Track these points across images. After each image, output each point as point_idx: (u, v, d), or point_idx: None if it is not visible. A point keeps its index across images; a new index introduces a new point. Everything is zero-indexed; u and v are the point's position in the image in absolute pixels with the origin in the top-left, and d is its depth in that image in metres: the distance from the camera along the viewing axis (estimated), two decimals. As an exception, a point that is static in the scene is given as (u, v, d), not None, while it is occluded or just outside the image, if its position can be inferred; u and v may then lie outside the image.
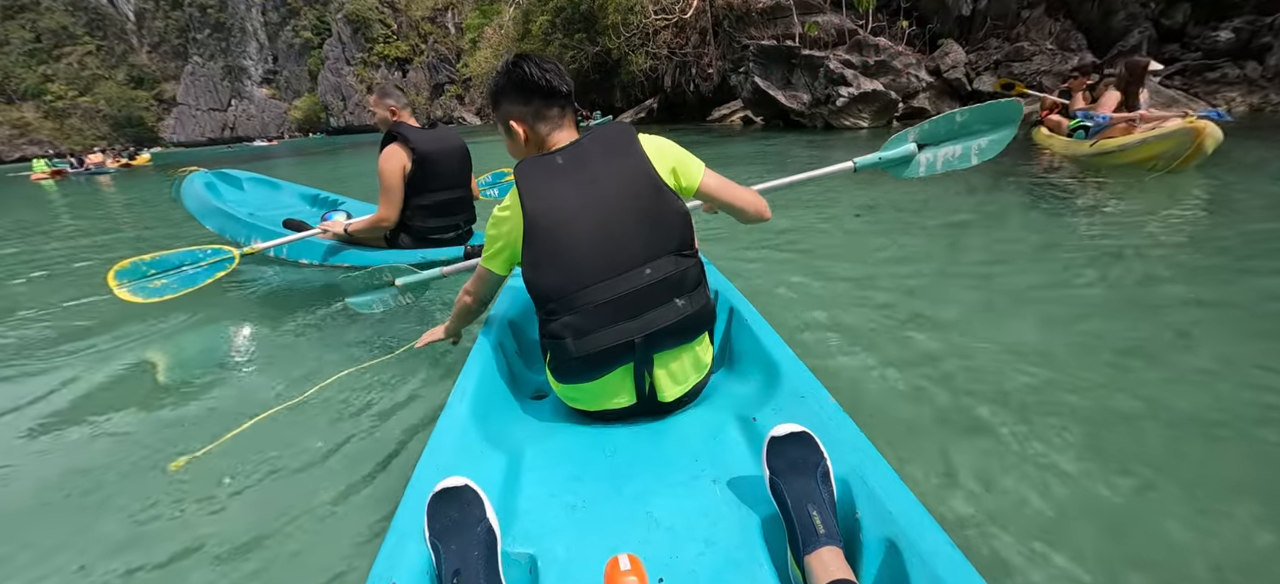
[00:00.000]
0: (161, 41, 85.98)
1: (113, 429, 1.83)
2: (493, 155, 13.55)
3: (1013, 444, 1.40)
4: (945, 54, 12.97)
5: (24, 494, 1.51)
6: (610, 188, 1.11)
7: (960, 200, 4.45)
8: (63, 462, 1.65)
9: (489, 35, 38.47)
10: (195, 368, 2.29)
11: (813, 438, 0.83)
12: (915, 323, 2.19)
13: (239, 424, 1.68)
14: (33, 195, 12.82)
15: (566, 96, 1.19)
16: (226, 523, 1.33)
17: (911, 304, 2.40)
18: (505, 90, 1.18)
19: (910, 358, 1.90)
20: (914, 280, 2.71)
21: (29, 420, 1.93)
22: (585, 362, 1.11)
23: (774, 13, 14.77)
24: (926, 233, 3.60)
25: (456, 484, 0.79)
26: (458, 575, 0.71)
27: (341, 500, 1.36)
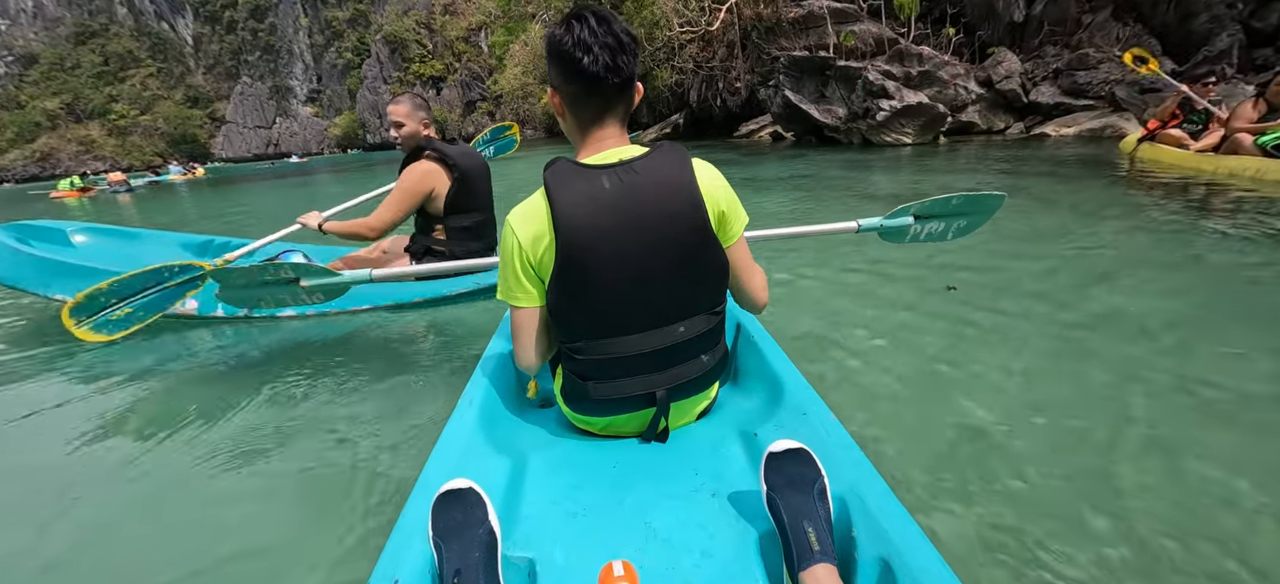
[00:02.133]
0: (216, 63, 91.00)
1: (122, 438, 1.83)
2: (521, 171, 13.24)
3: (1028, 481, 1.33)
4: (997, 63, 11.84)
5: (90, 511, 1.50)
6: (658, 234, 0.97)
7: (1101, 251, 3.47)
8: (53, 465, 1.70)
9: (515, 52, 38.77)
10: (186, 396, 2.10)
11: (810, 455, 0.83)
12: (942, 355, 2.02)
13: (253, 424, 1.77)
14: (57, 211, 13.03)
15: (616, 89, 0.99)
16: (235, 520, 1.36)
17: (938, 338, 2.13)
18: (550, 53, 1.00)
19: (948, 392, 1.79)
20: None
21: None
22: (604, 403, 1.07)
23: (806, 23, 13.90)
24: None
25: (461, 486, 0.81)
26: (458, 576, 0.72)
27: (349, 501, 1.39)
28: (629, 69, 0.99)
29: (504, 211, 2.84)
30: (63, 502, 1.52)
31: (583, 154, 1.04)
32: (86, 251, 3.32)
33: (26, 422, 1.95)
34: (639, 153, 1.00)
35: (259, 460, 1.64)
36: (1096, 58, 11.11)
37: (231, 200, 13.52)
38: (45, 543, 1.37)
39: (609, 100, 1.00)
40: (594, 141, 1.03)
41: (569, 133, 1.07)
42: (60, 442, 1.82)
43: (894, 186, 6.34)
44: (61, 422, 1.95)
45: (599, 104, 1.00)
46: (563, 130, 1.09)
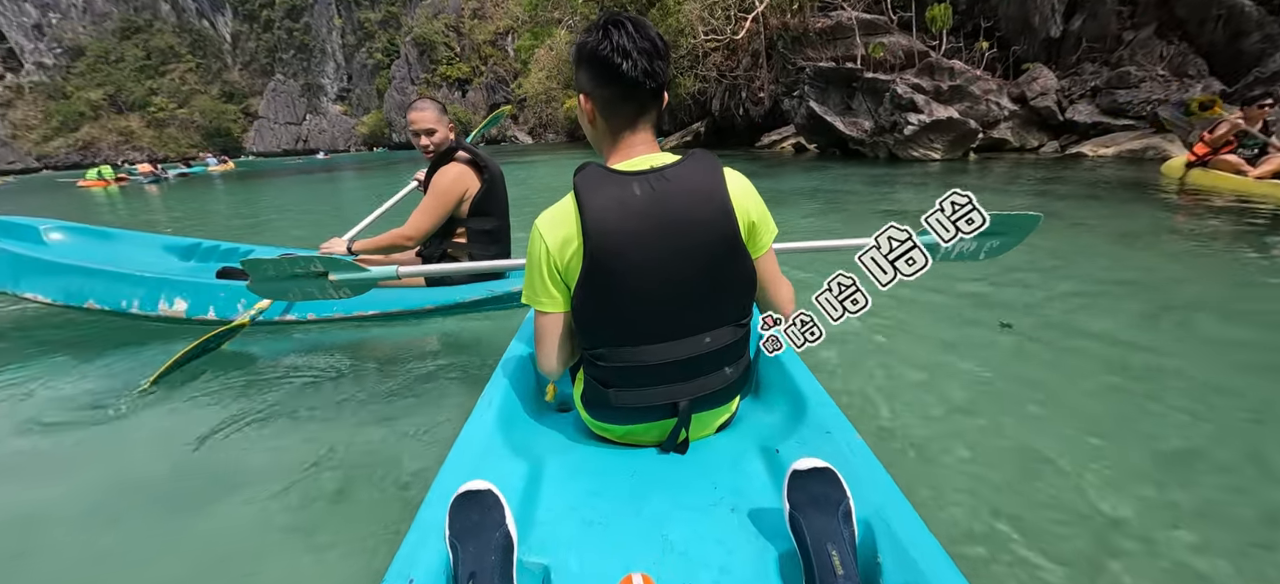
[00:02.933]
0: (252, 60, 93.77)
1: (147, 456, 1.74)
2: (544, 175, 13.24)
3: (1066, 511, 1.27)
4: (1032, 79, 11.46)
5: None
6: (687, 242, 0.95)
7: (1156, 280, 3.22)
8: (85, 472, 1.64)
9: (540, 57, 39.09)
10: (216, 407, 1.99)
11: (835, 474, 0.81)
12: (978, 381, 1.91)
13: (263, 429, 1.75)
14: (92, 201, 13.32)
15: (650, 95, 0.99)
16: (253, 519, 1.36)
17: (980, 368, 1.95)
18: (583, 58, 0.99)
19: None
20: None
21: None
22: (625, 411, 1.05)
23: (834, 33, 13.66)
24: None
25: (479, 488, 0.81)
26: (473, 578, 0.71)
27: (362, 501, 1.40)
28: (663, 74, 0.99)
29: (523, 215, 2.71)
30: (70, 506, 1.47)
31: (613, 160, 1.03)
32: (61, 249, 3.11)
33: (29, 435, 1.83)
34: (671, 160, 0.99)
35: (269, 464, 1.61)
36: (1138, 76, 10.68)
37: (258, 194, 13.73)
38: (51, 541, 1.34)
39: (643, 105, 1.00)
40: (625, 147, 1.03)
41: (598, 139, 1.06)
42: (66, 446, 1.73)
43: (920, 203, 6.07)
44: (64, 428, 1.85)
45: (633, 109, 1.00)
46: (589, 137, 1.08)
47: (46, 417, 1.92)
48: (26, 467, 1.68)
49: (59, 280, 2.52)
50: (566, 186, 0.99)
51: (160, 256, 3.28)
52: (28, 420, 1.90)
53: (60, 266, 2.55)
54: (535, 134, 51.41)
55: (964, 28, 13.31)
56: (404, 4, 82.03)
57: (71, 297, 2.51)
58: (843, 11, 13.80)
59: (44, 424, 1.88)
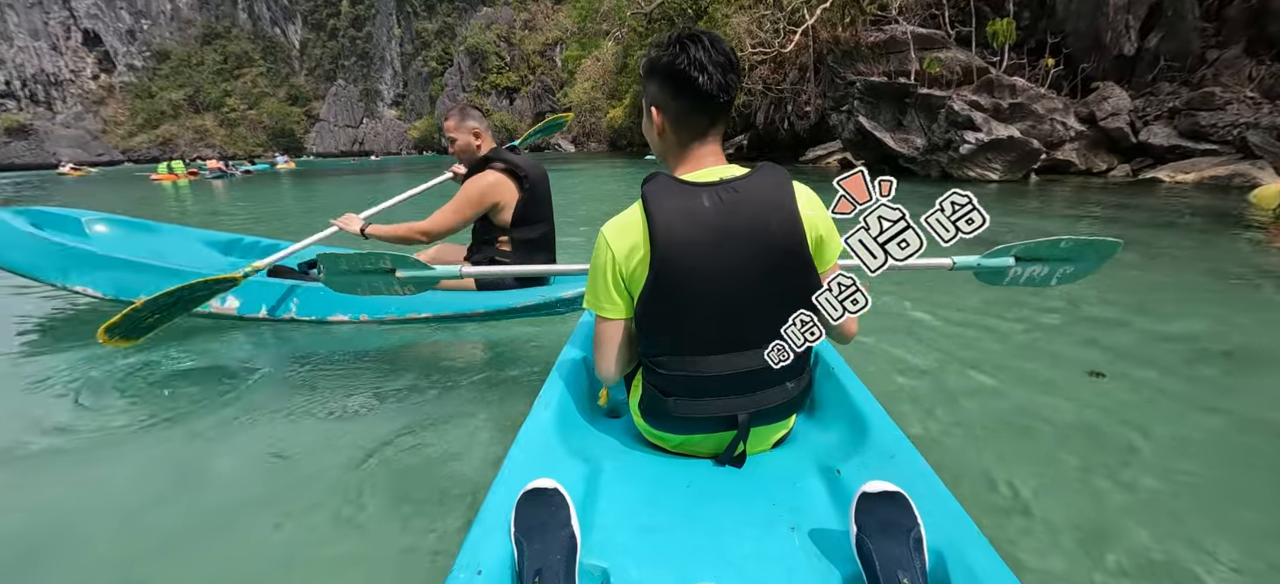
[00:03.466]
0: (317, 66, 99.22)
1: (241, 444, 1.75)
2: (585, 183, 13.39)
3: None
4: (1103, 99, 10.80)
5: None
6: (755, 256, 0.95)
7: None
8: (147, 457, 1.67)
9: (586, 67, 39.71)
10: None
11: (907, 500, 0.79)
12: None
13: (309, 426, 1.77)
14: (163, 192, 14.28)
15: (722, 108, 1.00)
16: (315, 516, 1.38)
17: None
18: (657, 72, 1.01)
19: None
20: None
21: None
22: (683, 421, 1.05)
23: (887, 48, 13.27)
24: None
25: (546, 486, 0.82)
26: (539, 575, 0.71)
27: (416, 494, 1.43)
28: (734, 88, 1.01)
29: (564, 223, 2.66)
30: (128, 507, 1.45)
31: (681, 170, 1.04)
32: (104, 242, 3.16)
33: (82, 433, 1.80)
34: (740, 172, 0.99)
35: (319, 462, 1.61)
36: (1224, 98, 9.89)
37: (312, 191, 14.38)
38: (115, 547, 1.32)
39: (714, 118, 1.02)
40: (694, 158, 1.03)
41: (665, 150, 1.07)
42: (126, 445, 1.70)
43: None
44: (122, 426, 1.81)
45: (705, 122, 1.01)
46: (655, 149, 1.09)
47: (107, 408, 1.94)
48: (89, 456, 1.68)
49: (111, 275, 2.54)
50: (608, 196, 0.99)
51: (201, 251, 3.31)
52: (86, 411, 1.93)
53: (112, 261, 2.57)
54: (578, 143, 52.18)
55: (1027, 43, 12.71)
56: (459, 15, 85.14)
57: (122, 291, 2.53)
58: (897, 26, 13.41)
59: (107, 415, 1.89)
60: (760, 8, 17.73)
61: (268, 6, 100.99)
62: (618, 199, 9.80)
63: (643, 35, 31.64)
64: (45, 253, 2.57)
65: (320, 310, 2.42)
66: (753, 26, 17.22)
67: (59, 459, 1.64)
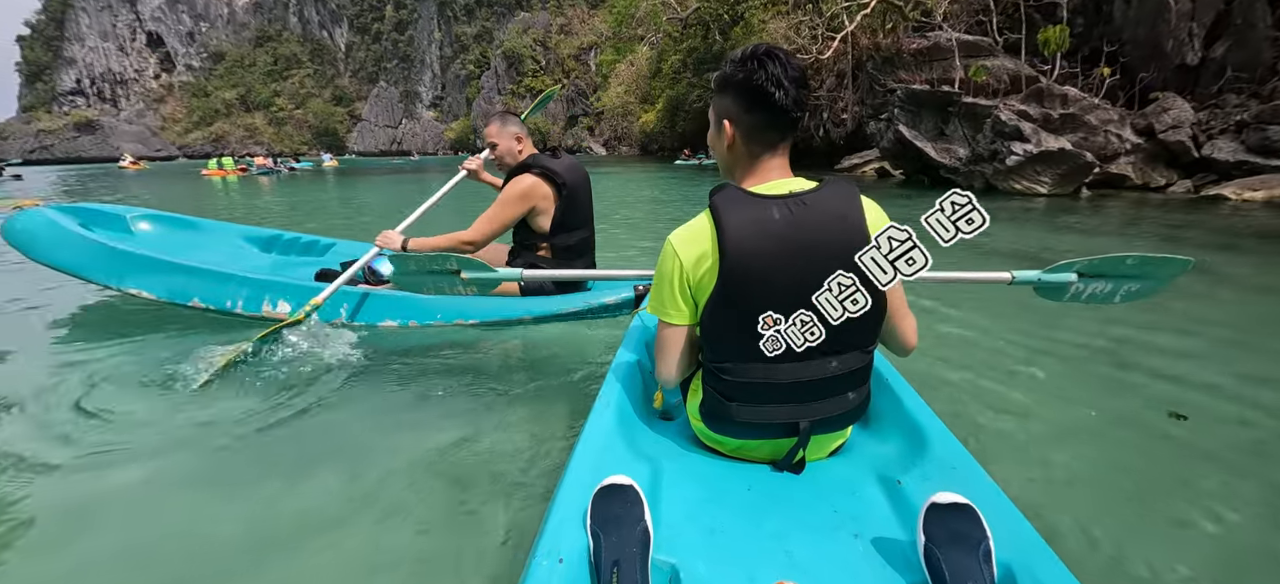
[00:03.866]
0: (360, 68, 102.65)
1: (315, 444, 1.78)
2: (615, 187, 13.42)
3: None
4: (1163, 110, 10.24)
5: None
6: (822, 267, 0.96)
7: None
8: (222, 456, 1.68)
9: (620, 72, 39.89)
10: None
11: (977, 513, 0.79)
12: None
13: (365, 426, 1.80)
14: (217, 187, 14.92)
15: (793, 123, 1.04)
16: (389, 511, 1.40)
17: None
18: (732, 86, 1.03)
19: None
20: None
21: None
22: (744, 426, 1.07)
23: (930, 55, 12.92)
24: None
25: (622, 482, 0.86)
26: (617, 566, 0.74)
27: (478, 492, 1.47)
28: (806, 103, 1.05)
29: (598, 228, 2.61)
30: (198, 508, 1.45)
31: (749, 182, 1.06)
32: (149, 239, 3.20)
33: (137, 434, 1.78)
34: (809, 185, 1.02)
35: (384, 461, 1.63)
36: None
37: (355, 188, 14.81)
38: (182, 550, 1.32)
39: (784, 133, 1.05)
40: (762, 171, 1.06)
41: (733, 162, 1.10)
42: (186, 446, 1.70)
43: (1021, 242, 5.51)
44: (182, 427, 1.80)
45: (776, 136, 1.04)
46: (722, 161, 1.12)
47: (184, 408, 1.95)
48: (150, 459, 1.67)
49: (163, 278, 2.57)
50: (638, 201, 0.97)
51: (243, 247, 3.35)
52: (162, 411, 1.94)
53: (163, 264, 2.59)
54: (609, 146, 52.47)
55: (1081, 51, 12.17)
56: (497, 19, 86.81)
57: (176, 295, 2.56)
58: (941, 32, 13.04)
59: (164, 415, 1.91)
60: (798, 13, 17.53)
61: (316, 10, 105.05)
62: (654, 205, 9.78)
63: (677, 40, 31.66)
64: (97, 255, 2.63)
65: (369, 316, 2.43)
66: (790, 32, 17.03)
67: (121, 459, 1.65)
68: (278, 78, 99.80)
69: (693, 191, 11.60)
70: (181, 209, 8.31)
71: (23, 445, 1.69)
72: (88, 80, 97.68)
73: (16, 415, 1.89)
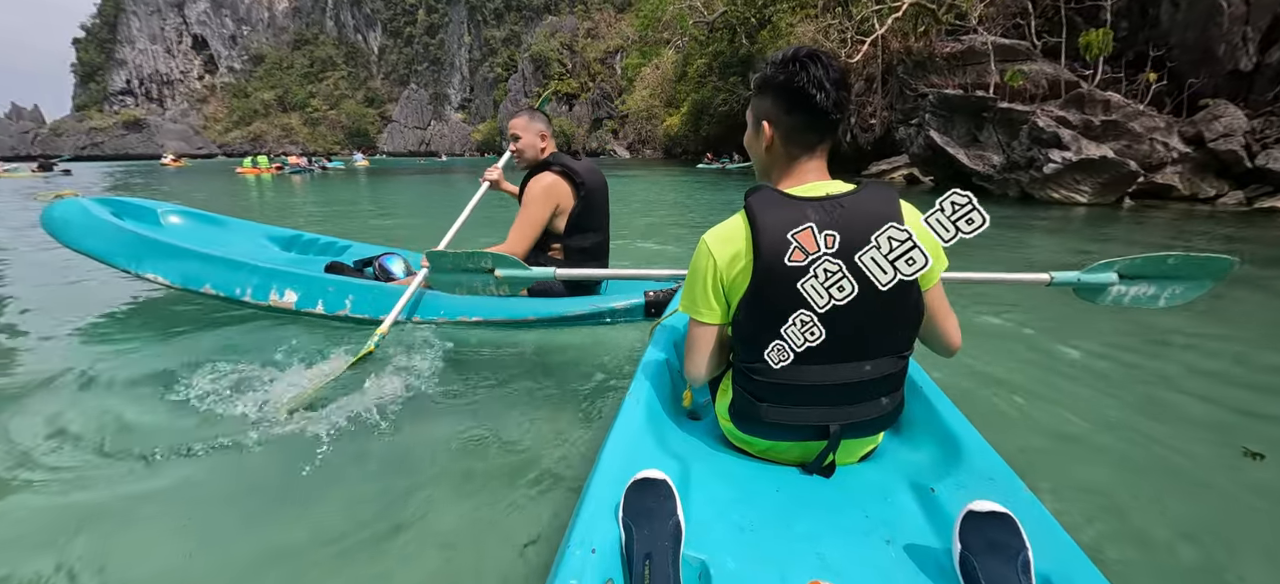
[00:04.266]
0: (392, 71, 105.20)
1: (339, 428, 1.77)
2: (640, 190, 13.40)
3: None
4: (1214, 117, 9.73)
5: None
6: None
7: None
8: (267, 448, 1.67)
9: (646, 75, 39.93)
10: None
11: (1016, 523, 0.78)
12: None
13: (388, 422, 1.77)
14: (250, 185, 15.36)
15: (833, 126, 1.04)
16: (427, 503, 1.41)
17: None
18: (772, 88, 1.05)
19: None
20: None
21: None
22: (774, 427, 1.06)
23: (964, 59, 12.56)
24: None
25: (655, 477, 0.86)
26: (649, 559, 0.75)
27: (512, 486, 1.47)
28: (847, 106, 1.07)
29: (617, 229, 2.54)
30: (226, 502, 1.44)
31: (785, 184, 1.06)
32: (177, 232, 3.26)
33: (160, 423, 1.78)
34: (846, 188, 1.01)
35: (406, 459, 1.63)
36: (1365, 121, 8.70)
37: (386, 189, 15.06)
38: (213, 547, 1.30)
39: (824, 135, 1.04)
40: (799, 172, 1.06)
41: (769, 164, 1.10)
42: (210, 441, 1.66)
43: (1058, 253, 5.25)
44: (203, 419, 1.80)
45: (815, 138, 1.04)
46: (758, 163, 1.12)
47: (198, 398, 1.95)
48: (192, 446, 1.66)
49: (179, 264, 2.62)
50: (665, 203, 0.92)
51: (264, 245, 3.44)
52: (193, 400, 1.93)
53: (181, 251, 2.64)
54: (633, 149, 52.58)
55: (1125, 56, 11.68)
56: (526, 23, 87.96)
57: (189, 280, 2.60)
58: (976, 36, 12.67)
59: (200, 406, 1.90)
60: (826, 17, 17.27)
61: (352, 15, 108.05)
62: (675, 209, 9.70)
63: (702, 44, 31.56)
64: (121, 241, 2.70)
65: (372, 309, 2.43)
66: (817, 35, 16.78)
67: (145, 460, 1.63)
68: (313, 79, 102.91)
69: (716, 197, 11.49)
70: (216, 205, 8.54)
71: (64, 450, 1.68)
72: (136, 81, 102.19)
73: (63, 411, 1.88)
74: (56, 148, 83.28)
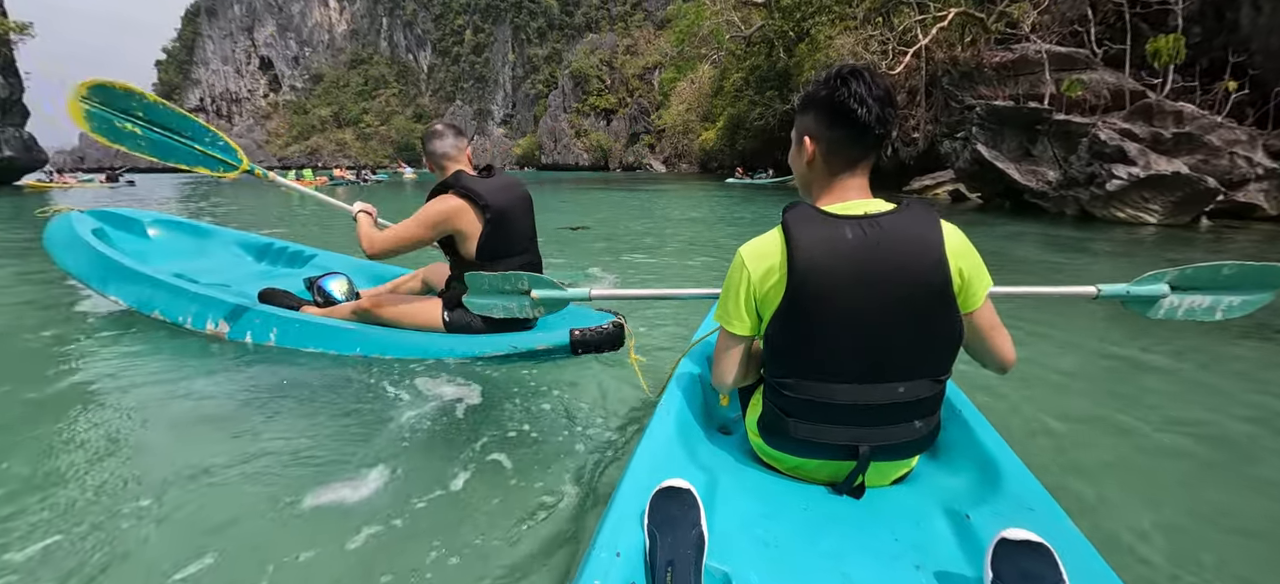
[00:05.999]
0: (440, 88, 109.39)
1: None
2: (675, 205, 13.22)
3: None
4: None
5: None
6: (895, 292, 0.97)
7: None
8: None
9: (681, 90, 39.93)
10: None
11: (1053, 555, 0.75)
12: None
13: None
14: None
15: (876, 141, 1.03)
16: (463, 503, 1.44)
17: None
18: (815, 104, 1.06)
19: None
20: None
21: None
22: (801, 444, 1.06)
23: (1015, 68, 11.83)
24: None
25: (680, 486, 0.88)
26: (671, 566, 0.76)
27: (547, 490, 1.50)
28: (892, 122, 1.02)
29: (651, 247, 2.43)
30: (277, 534, 1.36)
31: (824, 201, 1.05)
32: (159, 243, 3.34)
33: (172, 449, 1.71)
34: (885, 208, 1.00)
35: (421, 467, 1.61)
36: None
37: (413, 198, 15.37)
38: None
39: (867, 151, 1.03)
40: (838, 190, 1.05)
41: (811, 180, 1.09)
42: (241, 481, 1.57)
43: (1125, 276, 4.68)
44: (223, 454, 1.69)
45: (857, 153, 1.03)
46: (800, 178, 1.12)
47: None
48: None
49: (135, 288, 2.64)
50: (696, 220, 0.73)
51: (238, 254, 3.47)
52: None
53: (138, 275, 2.65)
54: (669, 163, 52.65)
55: (1199, 63, 10.71)
56: (567, 41, 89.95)
57: (143, 304, 2.62)
58: (1029, 44, 11.92)
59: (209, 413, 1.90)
60: (867, 28, 16.71)
61: (404, 35, 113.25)
62: (710, 225, 9.42)
63: (740, 58, 31.29)
64: (91, 261, 2.73)
65: (296, 342, 2.37)
66: (857, 48, 16.24)
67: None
68: (367, 96, 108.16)
69: (746, 211, 11.12)
70: (258, 217, 8.80)
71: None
72: (209, 99, 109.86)
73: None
74: (135, 160, 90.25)
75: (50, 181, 20.83)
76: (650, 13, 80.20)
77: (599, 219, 9.97)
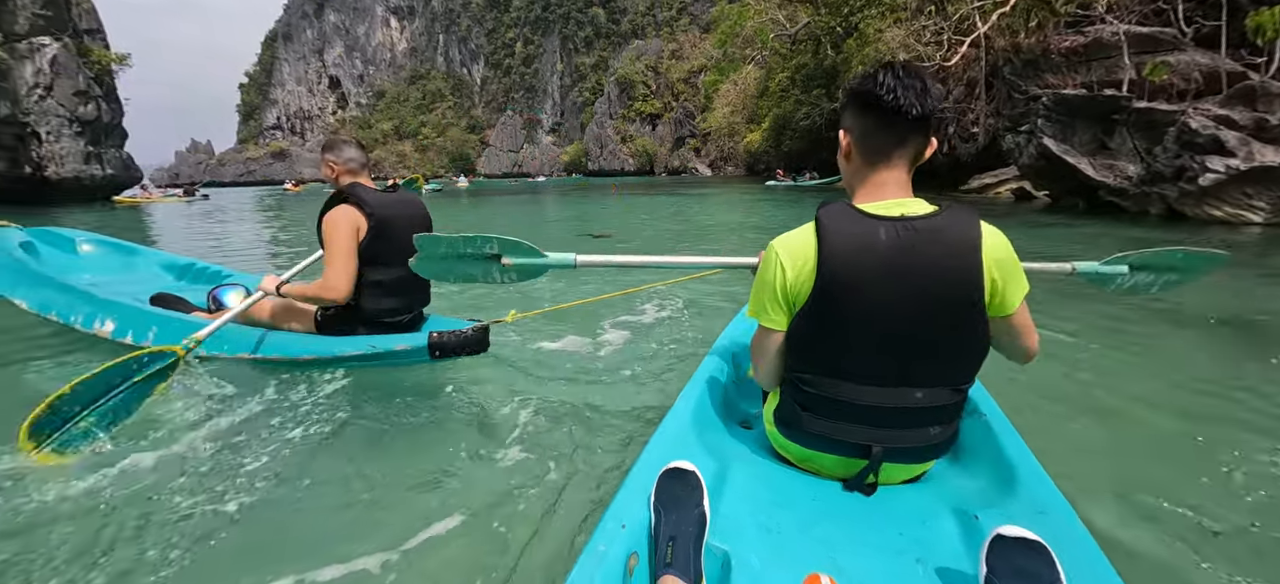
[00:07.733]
0: (492, 100, 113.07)
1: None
2: (718, 208, 12.84)
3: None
4: None
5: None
6: (923, 300, 0.97)
7: None
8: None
9: (725, 92, 39.29)
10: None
11: (1049, 553, 0.74)
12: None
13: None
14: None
15: (909, 125, 1.00)
16: (489, 486, 1.56)
17: None
18: (849, 97, 1.08)
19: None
20: None
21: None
22: (816, 437, 1.08)
23: (1088, 53, 10.72)
24: None
25: (685, 467, 0.94)
26: (673, 541, 0.80)
27: (570, 475, 1.61)
28: (925, 107, 0.99)
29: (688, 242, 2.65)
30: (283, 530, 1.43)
31: (861, 199, 1.05)
32: (89, 261, 3.42)
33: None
34: (924, 210, 1.00)
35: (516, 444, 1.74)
36: None
37: (482, 210, 15.77)
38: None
39: (901, 138, 1.01)
40: (876, 186, 1.04)
41: (851, 176, 1.10)
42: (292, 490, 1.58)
43: (1237, 295, 3.95)
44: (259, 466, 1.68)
45: (889, 141, 1.02)
46: (843, 176, 1.12)
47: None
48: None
49: (38, 292, 2.69)
50: (732, 226, 0.86)
51: (156, 272, 3.49)
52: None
53: (42, 278, 2.72)
54: (715, 167, 52.00)
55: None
56: (613, 49, 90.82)
57: (42, 307, 2.65)
58: (1104, 25, 10.76)
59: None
60: (920, 18, 15.70)
61: (459, 51, 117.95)
62: (741, 230, 9.02)
63: (785, 57, 30.38)
64: (4, 268, 2.80)
65: (170, 340, 2.26)
66: (909, 39, 15.28)
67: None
68: (425, 110, 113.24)
69: (788, 214, 10.60)
70: (300, 226, 9.07)
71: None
72: (284, 117, 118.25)
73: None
74: (221, 175, 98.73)
75: (137, 197, 22.72)
76: (696, 17, 79.73)
77: (628, 226, 9.74)
